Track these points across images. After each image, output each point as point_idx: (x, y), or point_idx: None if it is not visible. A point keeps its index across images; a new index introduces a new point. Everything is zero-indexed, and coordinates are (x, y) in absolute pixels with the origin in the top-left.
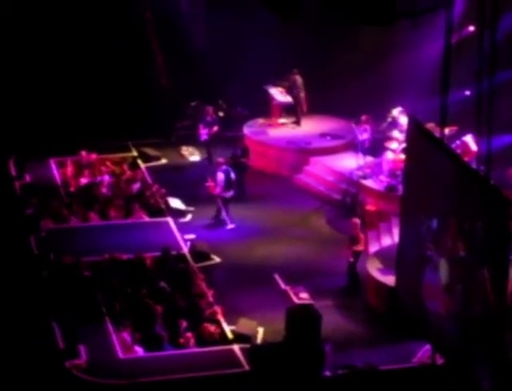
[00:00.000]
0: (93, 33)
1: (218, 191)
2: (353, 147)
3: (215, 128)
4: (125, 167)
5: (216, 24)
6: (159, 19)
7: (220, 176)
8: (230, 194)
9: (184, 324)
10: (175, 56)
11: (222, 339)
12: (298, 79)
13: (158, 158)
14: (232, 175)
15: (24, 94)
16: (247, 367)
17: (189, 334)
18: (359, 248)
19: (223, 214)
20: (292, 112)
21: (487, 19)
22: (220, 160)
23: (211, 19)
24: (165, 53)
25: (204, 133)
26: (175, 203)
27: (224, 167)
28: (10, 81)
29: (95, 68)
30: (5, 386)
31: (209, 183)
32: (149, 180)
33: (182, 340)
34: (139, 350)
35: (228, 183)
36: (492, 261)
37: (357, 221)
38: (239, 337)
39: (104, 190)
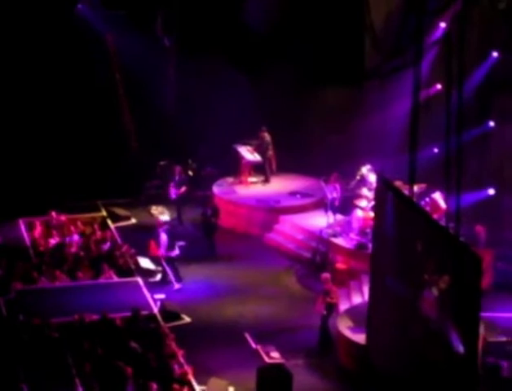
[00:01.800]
0: (61, 93)
1: (161, 251)
2: (323, 205)
3: (183, 188)
4: (96, 227)
5: (185, 84)
6: (128, 79)
7: (163, 236)
8: (176, 253)
9: (155, 386)
10: (144, 116)
11: None
12: (267, 136)
13: (128, 218)
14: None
15: None
16: None
17: None
18: (333, 300)
19: (169, 274)
20: (261, 170)
21: (453, 77)
22: (161, 220)
23: (180, 80)
24: (134, 113)
25: (173, 192)
26: (145, 262)
27: (166, 227)
28: None
29: (64, 129)
30: None
31: (151, 245)
32: (119, 240)
33: None
34: None
35: (172, 243)
36: (462, 319)
37: (327, 275)
38: None
39: (74, 250)
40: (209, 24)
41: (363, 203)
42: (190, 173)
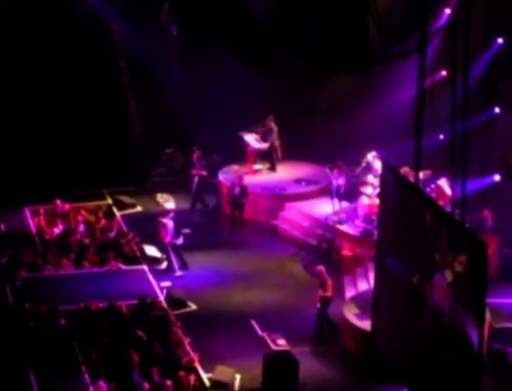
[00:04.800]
0: (65, 81)
1: (168, 238)
2: (328, 192)
3: (204, 172)
4: (101, 215)
5: (190, 70)
6: (133, 67)
7: (170, 224)
8: (180, 241)
9: (156, 372)
10: (149, 104)
11: (200, 387)
12: (273, 126)
13: (133, 206)
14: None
15: None
16: None
17: (169, 382)
18: (327, 294)
19: (174, 261)
20: (267, 158)
21: (459, 63)
22: (168, 208)
23: (185, 67)
24: (139, 101)
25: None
26: (151, 250)
27: (172, 214)
28: None
29: (69, 117)
30: None
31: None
32: (124, 228)
33: (162, 389)
34: None
35: (178, 230)
36: (472, 306)
37: (322, 268)
38: (216, 385)
39: (79, 238)
40: (213, 13)
41: (368, 190)
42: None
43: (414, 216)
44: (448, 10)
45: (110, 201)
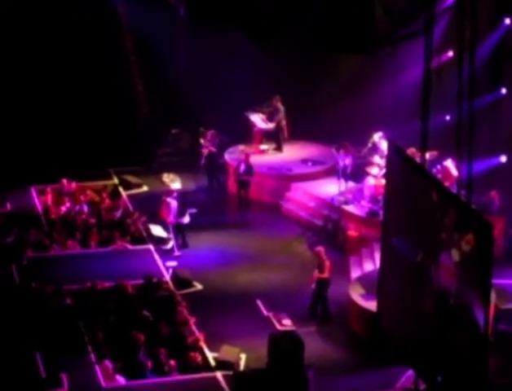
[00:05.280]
0: (72, 61)
1: (171, 219)
2: (334, 172)
3: (213, 148)
4: (105, 195)
5: (198, 51)
6: (139, 46)
7: (173, 203)
8: (187, 220)
9: (163, 352)
10: (156, 83)
11: (205, 366)
12: (280, 106)
13: (139, 185)
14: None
15: (4, 122)
16: None
17: (172, 362)
18: (324, 275)
19: (173, 241)
20: (273, 138)
21: (465, 44)
22: (171, 188)
23: (193, 47)
24: (146, 80)
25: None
26: (157, 230)
27: (175, 194)
28: None
29: (76, 96)
30: None
31: (162, 211)
32: (130, 207)
33: (166, 368)
34: (121, 379)
35: (182, 210)
36: (478, 286)
37: (321, 248)
38: (222, 364)
39: (85, 218)
40: None
41: (374, 170)
42: (201, 140)
43: (420, 196)
44: None
45: (116, 181)
